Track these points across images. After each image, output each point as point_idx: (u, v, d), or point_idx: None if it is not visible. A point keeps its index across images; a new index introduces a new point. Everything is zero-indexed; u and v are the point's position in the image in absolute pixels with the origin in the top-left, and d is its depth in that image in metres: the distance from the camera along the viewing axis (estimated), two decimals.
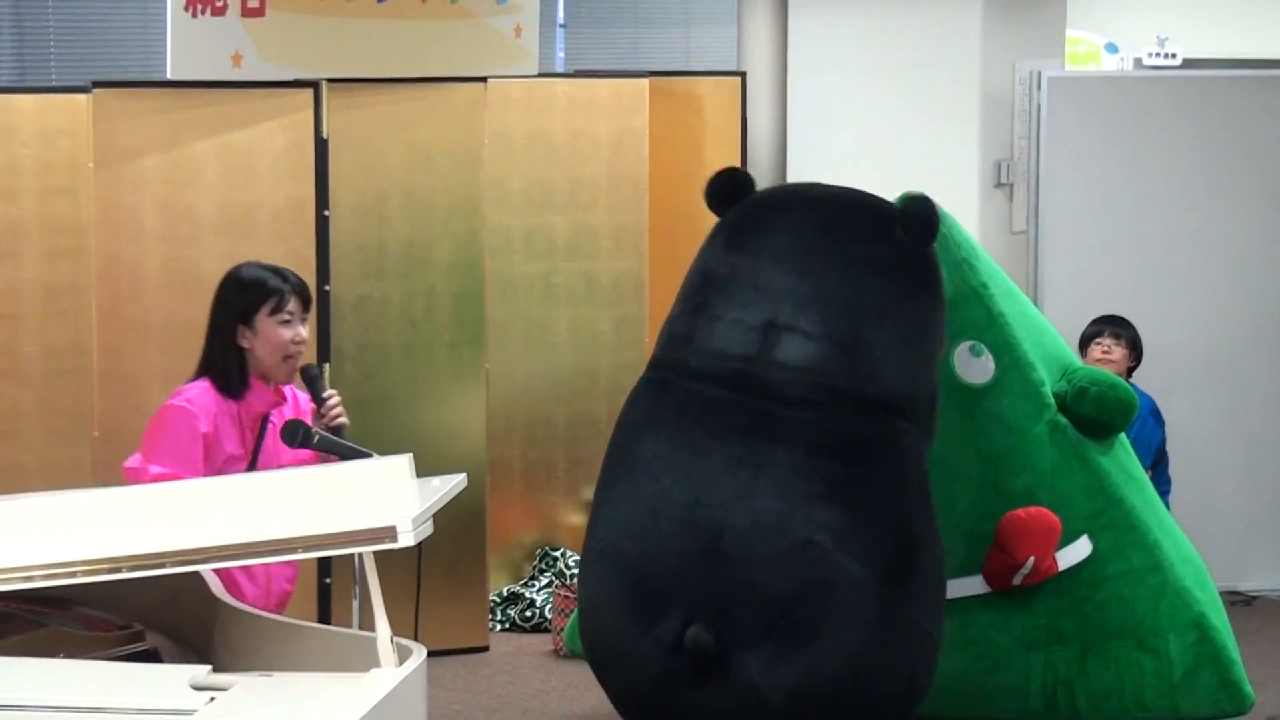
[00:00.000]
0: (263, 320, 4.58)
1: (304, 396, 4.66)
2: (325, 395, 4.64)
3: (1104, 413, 5.44)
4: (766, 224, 4.73)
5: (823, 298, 4.67)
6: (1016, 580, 5.30)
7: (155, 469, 4.39)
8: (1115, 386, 5.50)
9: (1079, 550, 5.36)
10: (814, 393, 4.57)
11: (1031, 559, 5.28)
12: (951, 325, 5.30)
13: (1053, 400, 5.43)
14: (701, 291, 4.72)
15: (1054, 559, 5.33)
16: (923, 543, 4.65)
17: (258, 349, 4.57)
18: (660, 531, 4.51)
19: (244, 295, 4.60)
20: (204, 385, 4.56)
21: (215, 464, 4.49)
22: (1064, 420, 5.40)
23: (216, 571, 4.18)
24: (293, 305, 4.59)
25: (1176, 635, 5.35)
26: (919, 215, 4.69)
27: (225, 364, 4.58)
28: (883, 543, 4.52)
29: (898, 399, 4.66)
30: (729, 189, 4.78)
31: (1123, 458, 5.59)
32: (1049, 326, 5.75)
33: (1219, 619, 5.42)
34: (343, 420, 4.66)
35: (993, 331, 5.43)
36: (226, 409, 4.54)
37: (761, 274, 4.65)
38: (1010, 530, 5.30)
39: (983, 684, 5.32)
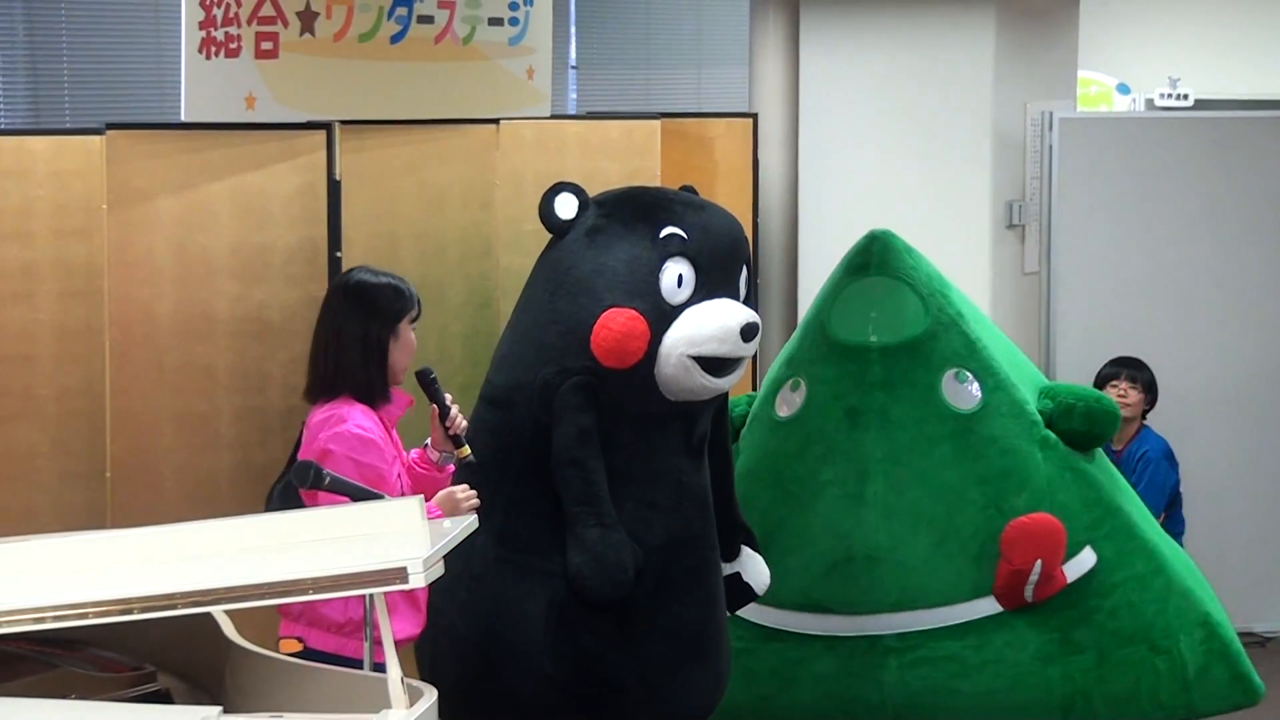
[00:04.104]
0: (404, 326, 4.72)
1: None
2: (448, 400, 4.78)
3: (1094, 426, 5.63)
4: None
5: None
6: (1028, 592, 5.39)
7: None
8: (1100, 399, 5.68)
9: (1085, 561, 5.48)
10: None
11: (1039, 563, 5.38)
12: (935, 355, 5.48)
13: (1039, 418, 5.56)
14: None
15: (1062, 571, 5.40)
16: None
17: (395, 355, 4.69)
18: None
19: (395, 303, 4.73)
20: (352, 405, 4.62)
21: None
22: (1053, 436, 5.56)
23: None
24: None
25: (1186, 634, 5.49)
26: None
27: (369, 375, 4.69)
28: None
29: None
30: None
31: (1108, 467, 5.81)
32: (1016, 349, 5.93)
33: (1221, 615, 5.61)
34: (463, 423, 4.81)
35: (974, 358, 5.59)
36: (376, 419, 4.64)
37: None
38: (1014, 538, 5.41)
39: (1003, 701, 5.43)
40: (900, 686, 5.48)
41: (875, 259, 5.67)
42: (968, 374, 5.58)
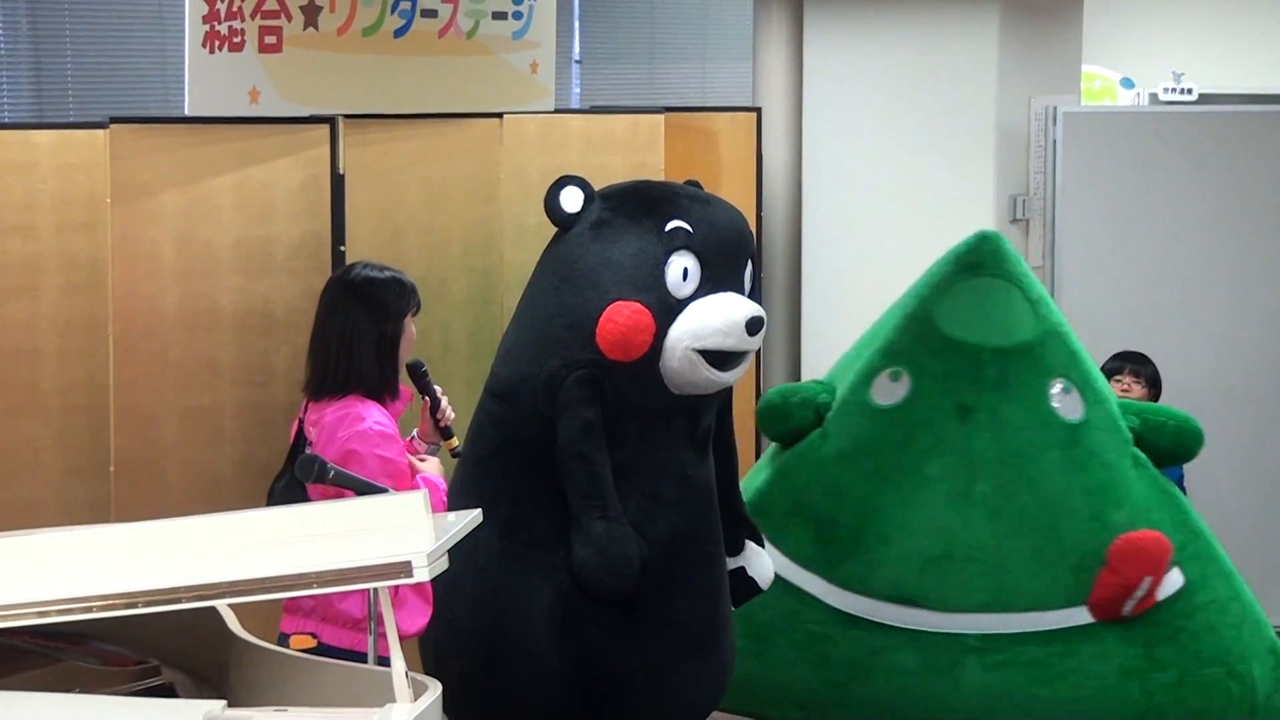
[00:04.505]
0: (408, 321, 4.74)
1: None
2: (439, 392, 4.80)
3: (1181, 445, 5.75)
4: None
5: None
6: (1128, 607, 5.44)
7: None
8: (1188, 419, 5.74)
9: (1174, 581, 5.57)
10: None
11: (1148, 580, 5.43)
12: (1044, 362, 5.52)
13: (1130, 435, 5.62)
14: None
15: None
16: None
17: (401, 349, 4.71)
18: None
19: (401, 300, 4.74)
20: (364, 402, 4.63)
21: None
22: (1142, 455, 5.63)
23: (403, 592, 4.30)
24: None
25: (1258, 661, 5.61)
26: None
27: (382, 374, 4.70)
28: None
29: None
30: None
31: (1181, 490, 5.81)
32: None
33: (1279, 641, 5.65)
34: (453, 414, 4.83)
35: (1076, 369, 5.65)
36: (387, 415, 4.66)
37: None
38: (1128, 552, 5.47)
39: (1080, 711, 5.49)
40: (979, 687, 5.48)
41: (988, 259, 5.65)
42: (1072, 385, 5.60)
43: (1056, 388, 5.59)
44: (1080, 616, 5.50)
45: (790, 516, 5.54)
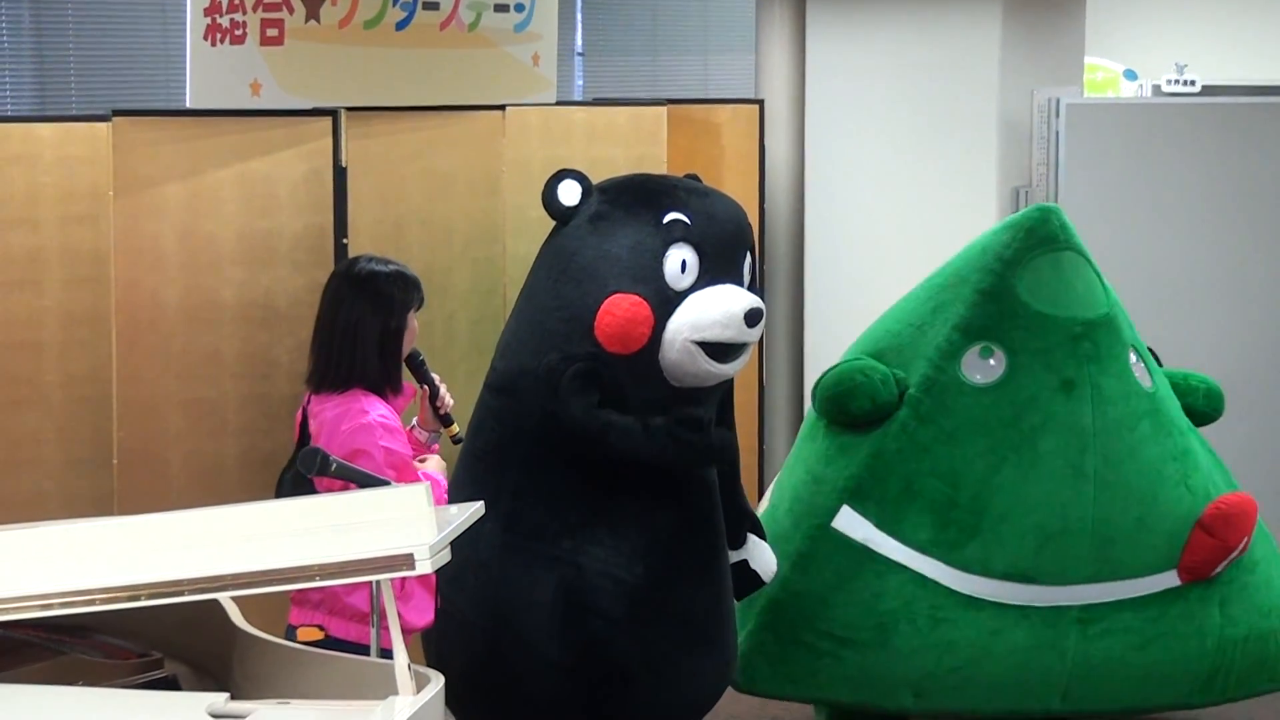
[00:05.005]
0: (411, 315, 4.75)
1: None
2: (437, 380, 4.80)
3: (1212, 406, 5.88)
4: None
5: None
6: (1221, 567, 5.54)
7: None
8: (1212, 381, 5.91)
9: None
10: None
11: (1246, 540, 5.56)
12: (1121, 333, 5.64)
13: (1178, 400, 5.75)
14: None
15: None
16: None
17: (404, 344, 4.72)
18: None
19: (405, 294, 4.74)
20: (368, 397, 4.64)
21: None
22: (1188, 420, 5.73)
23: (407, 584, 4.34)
24: None
25: None
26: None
27: (385, 369, 4.70)
28: None
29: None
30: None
31: None
32: None
33: None
34: (451, 401, 4.84)
35: (1136, 340, 5.78)
36: (390, 408, 4.67)
37: None
38: (1226, 515, 5.59)
39: (1166, 673, 5.61)
40: (1081, 657, 5.51)
41: (1060, 232, 5.64)
42: (1139, 355, 5.68)
43: (1133, 358, 5.65)
44: (1169, 580, 5.55)
45: (904, 503, 5.46)
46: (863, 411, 5.58)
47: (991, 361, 5.59)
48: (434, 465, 4.82)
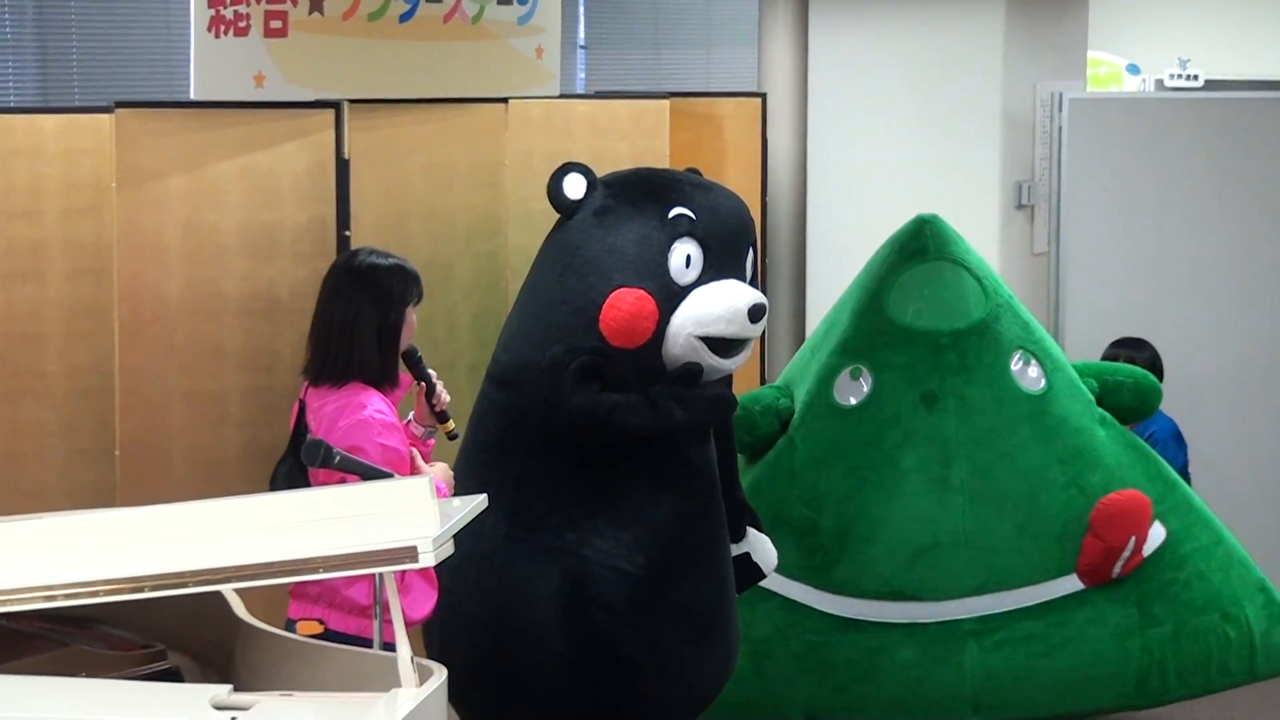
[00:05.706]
0: (410, 309, 4.74)
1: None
2: (434, 376, 4.79)
3: (1144, 402, 5.83)
4: None
5: None
6: (1116, 568, 5.49)
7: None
8: (1145, 376, 5.82)
9: (1157, 535, 5.64)
10: None
11: (1133, 539, 5.49)
12: (1001, 338, 5.53)
13: (1093, 396, 5.66)
14: None
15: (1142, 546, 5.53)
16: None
17: (402, 338, 4.73)
18: None
19: (405, 288, 4.73)
20: (365, 390, 4.63)
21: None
22: (1107, 414, 5.64)
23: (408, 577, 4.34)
24: None
25: (1249, 600, 5.69)
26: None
27: (383, 363, 4.69)
28: None
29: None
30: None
31: (1186, 479, 5.88)
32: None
33: (1266, 578, 5.77)
34: (448, 398, 4.83)
35: (1031, 340, 5.68)
36: (387, 402, 4.66)
37: None
38: (1110, 515, 5.54)
39: (1082, 677, 5.56)
40: (981, 669, 5.50)
41: (931, 243, 5.65)
42: (1030, 355, 5.63)
43: (1016, 361, 5.61)
44: (1071, 584, 5.53)
45: (772, 530, 5.44)
46: (746, 442, 5.65)
47: (860, 382, 5.65)
48: (439, 471, 4.82)
